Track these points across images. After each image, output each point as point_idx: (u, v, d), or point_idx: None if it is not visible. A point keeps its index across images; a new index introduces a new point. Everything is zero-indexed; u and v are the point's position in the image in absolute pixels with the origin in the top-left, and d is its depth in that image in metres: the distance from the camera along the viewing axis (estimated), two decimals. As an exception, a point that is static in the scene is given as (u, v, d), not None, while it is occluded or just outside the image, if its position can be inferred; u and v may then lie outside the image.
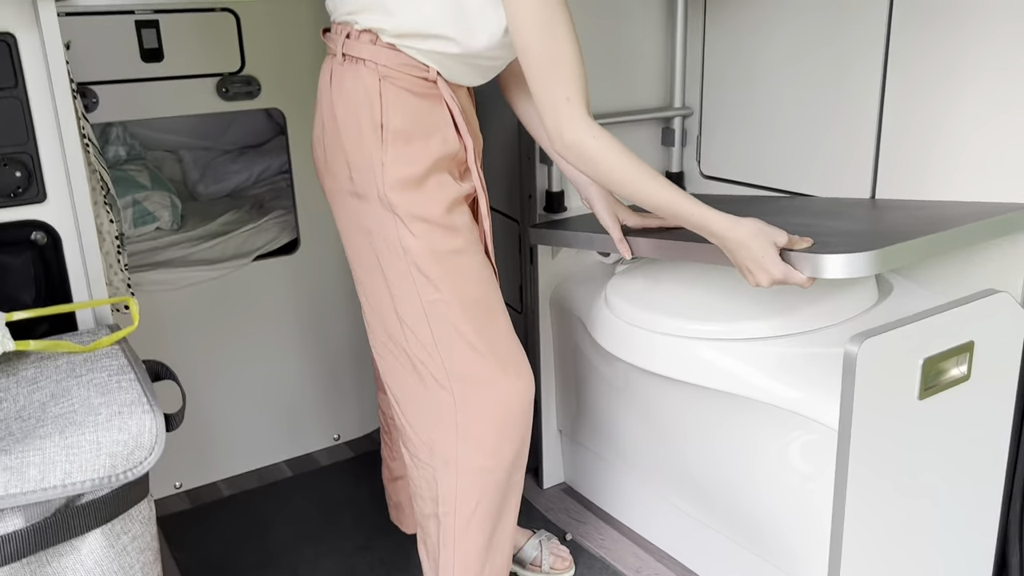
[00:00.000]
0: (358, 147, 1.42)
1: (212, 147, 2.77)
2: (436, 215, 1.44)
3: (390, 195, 1.41)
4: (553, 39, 1.30)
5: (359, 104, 1.40)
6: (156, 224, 2.31)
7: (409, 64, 1.39)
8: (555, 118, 1.33)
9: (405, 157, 1.40)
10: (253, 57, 2.21)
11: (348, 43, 1.41)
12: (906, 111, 1.71)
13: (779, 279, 1.36)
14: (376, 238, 1.47)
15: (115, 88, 2.06)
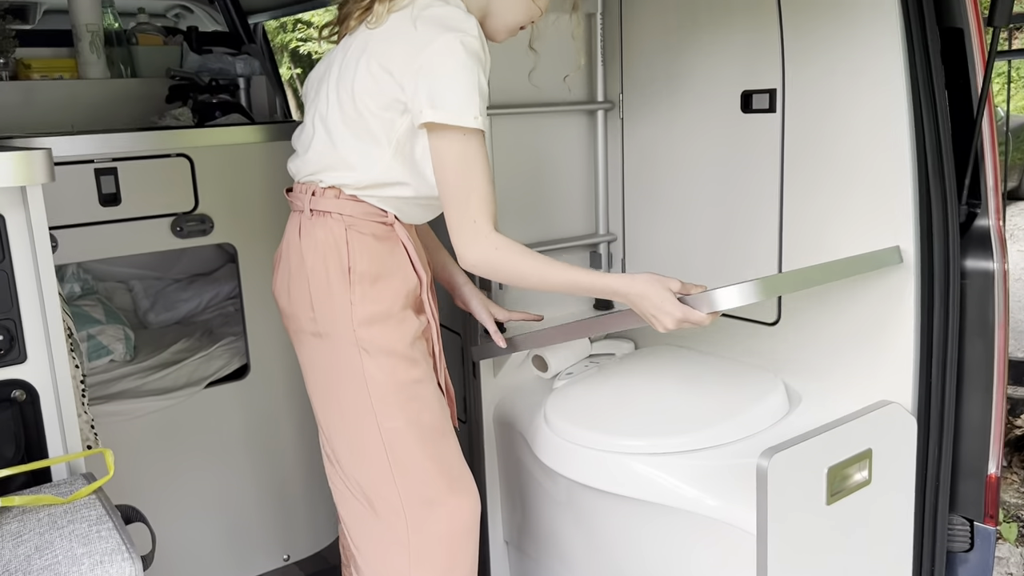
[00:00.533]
0: (325, 290, 1.56)
1: (163, 277, 2.87)
2: (400, 348, 1.58)
3: (359, 331, 1.54)
4: (468, 173, 1.45)
5: (328, 251, 1.54)
6: (110, 357, 2.38)
7: (370, 212, 1.55)
8: (462, 239, 1.47)
9: (372, 296, 1.55)
10: (206, 196, 2.35)
11: (315, 199, 1.57)
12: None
13: (680, 318, 1.47)
14: (336, 373, 1.60)
15: (74, 231, 2.16)
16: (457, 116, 1.41)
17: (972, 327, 1.80)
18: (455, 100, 1.41)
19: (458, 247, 1.50)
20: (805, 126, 1.90)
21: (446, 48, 1.41)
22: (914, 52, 1.70)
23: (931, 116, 1.72)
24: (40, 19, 3.72)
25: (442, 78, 1.41)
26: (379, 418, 1.58)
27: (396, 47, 1.47)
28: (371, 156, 1.52)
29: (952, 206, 1.75)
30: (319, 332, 1.59)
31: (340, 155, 1.54)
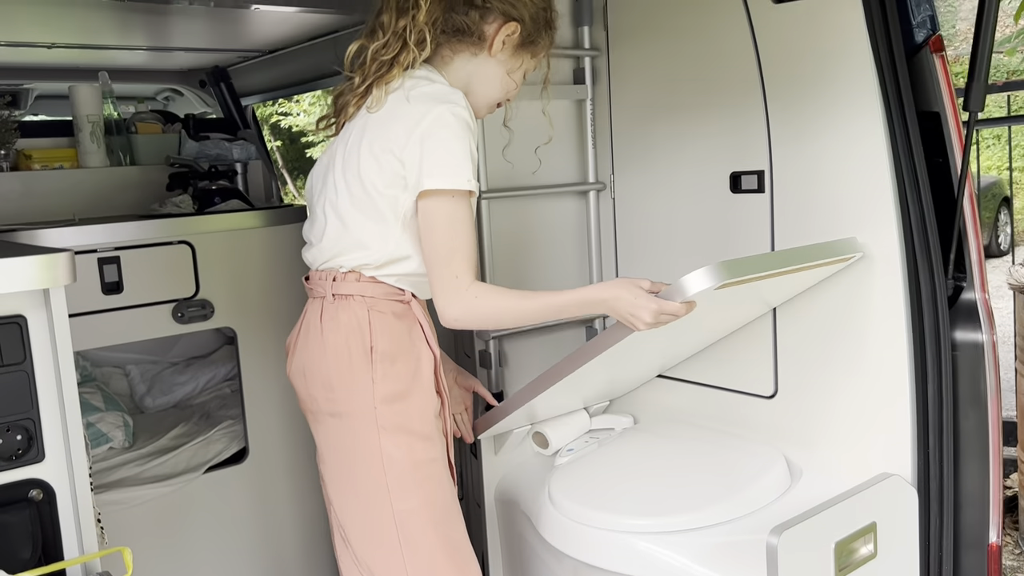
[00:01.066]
0: (347, 370, 1.60)
1: (159, 360, 2.88)
2: (418, 426, 1.63)
3: (379, 408, 1.59)
4: (455, 233, 1.52)
5: (350, 333, 1.60)
6: (110, 444, 2.37)
7: (389, 291, 1.63)
8: (445, 295, 1.53)
9: (392, 374, 1.60)
10: (207, 282, 2.37)
11: (336, 284, 1.63)
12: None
13: (656, 310, 1.51)
14: (353, 453, 1.63)
15: (76, 320, 2.16)
16: (451, 180, 1.50)
17: (965, 397, 1.85)
18: (449, 166, 1.50)
19: (440, 304, 1.55)
20: (794, 206, 1.97)
21: (439, 120, 1.51)
22: (895, 134, 1.78)
23: (915, 195, 1.79)
24: (37, 106, 3.80)
25: (437, 148, 1.51)
26: (393, 498, 1.60)
27: (395, 126, 1.55)
28: (383, 234, 1.60)
29: (940, 281, 1.81)
30: (337, 412, 1.63)
31: (354, 237, 1.61)
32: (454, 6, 1.61)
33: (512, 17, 1.62)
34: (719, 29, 2.04)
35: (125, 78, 3.69)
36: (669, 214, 2.26)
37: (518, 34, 1.63)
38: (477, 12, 1.61)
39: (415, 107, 1.54)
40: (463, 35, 1.63)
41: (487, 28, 1.62)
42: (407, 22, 1.58)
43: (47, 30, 2.77)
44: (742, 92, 2.02)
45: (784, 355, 2.03)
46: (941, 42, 1.84)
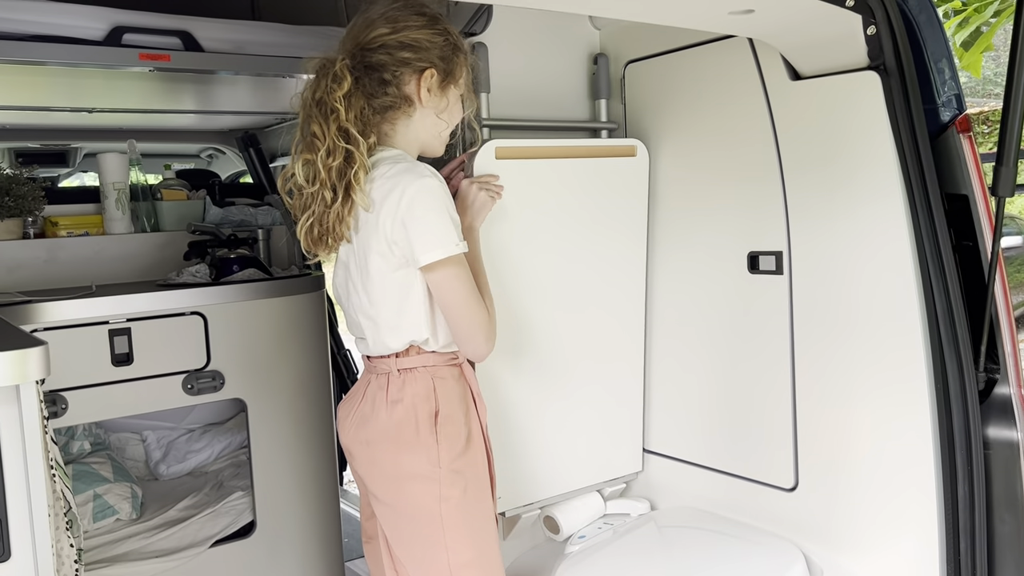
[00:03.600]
0: (414, 435, 1.65)
1: (176, 427, 2.86)
2: (472, 483, 1.66)
3: (443, 467, 1.63)
4: (466, 289, 1.61)
5: (418, 401, 1.66)
6: (116, 516, 2.35)
7: (446, 358, 1.70)
8: (482, 333, 1.64)
9: (453, 435, 1.66)
10: (218, 353, 2.36)
11: (399, 360, 1.69)
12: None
13: (474, 185, 1.78)
14: (414, 513, 1.66)
15: (85, 392, 2.17)
16: (443, 251, 1.57)
17: (1000, 500, 1.72)
18: (436, 237, 1.57)
19: (479, 348, 1.65)
20: (812, 289, 1.88)
21: (413, 199, 1.57)
22: (918, 218, 1.69)
23: (940, 281, 1.69)
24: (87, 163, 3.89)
25: (419, 226, 1.57)
26: (450, 552, 1.64)
27: (383, 217, 1.59)
28: (418, 315, 1.66)
29: (969, 373, 1.70)
30: (402, 475, 1.67)
31: (398, 327, 1.67)
32: (371, 91, 1.64)
33: (423, 67, 1.65)
34: (737, 105, 1.99)
35: (168, 138, 3.78)
36: (688, 292, 2.18)
37: (436, 76, 1.67)
38: (392, 84, 1.65)
39: (390, 194, 1.59)
40: (391, 109, 1.67)
41: (407, 89, 1.66)
42: (338, 123, 1.61)
43: (87, 96, 2.86)
44: (760, 170, 1.95)
45: (805, 446, 1.93)
46: (968, 122, 1.76)
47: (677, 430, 2.26)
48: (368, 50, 1.66)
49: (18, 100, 2.77)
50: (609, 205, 2.17)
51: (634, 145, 2.17)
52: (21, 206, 2.55)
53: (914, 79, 1.70)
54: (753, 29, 1.70)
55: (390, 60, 1.64)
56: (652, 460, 2.34)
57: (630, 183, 2.20)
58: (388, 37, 1.65)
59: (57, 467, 1.68)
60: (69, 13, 2.39)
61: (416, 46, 1.65)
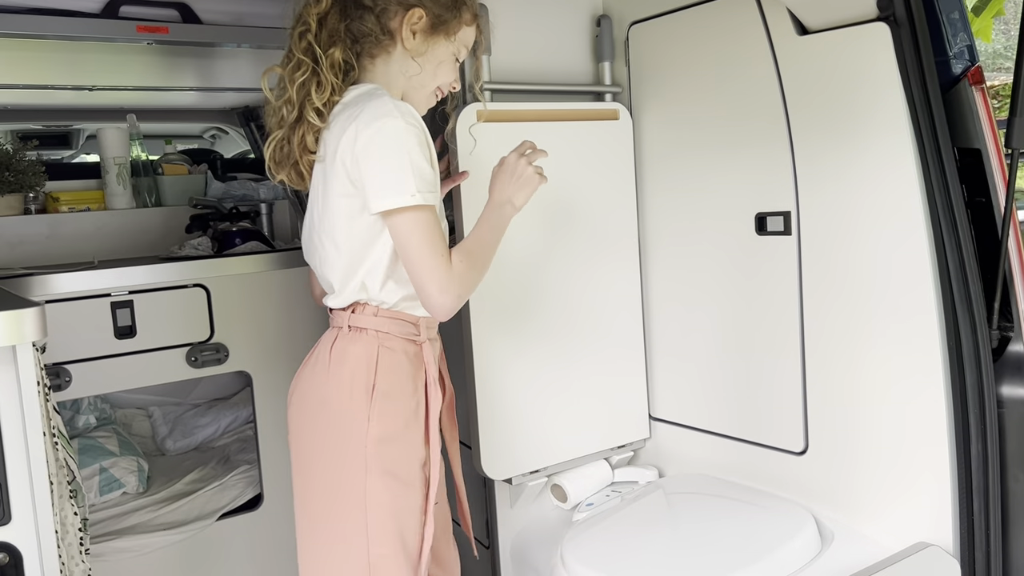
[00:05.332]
0: (346, 404, 1.55)
1: (182, 402, 2.86)
2: (404, 472, 1.56)
3: (370, 448, 1.53)
4: (426, 242, 1.47)
5: (357, 367, 1.56)
6: (123, 490, 2.34)
7: (405, 329, 1.59)
8: (437, 283, 1.48)
9: (389, 414, 1.55)
10: (222, 326, 2.34)
11: (353, 316, 1.59)
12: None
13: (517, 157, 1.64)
14: (334, 490, 1.56)
15: (88, 365, 2.16)
16: (394, 200, 1.45)
17: (1014, 460, 1.69)
18: (388, 185, 1.46)
19: (431, 299, 1.50)
20: (822, 250, 1.85)
21: (370, 139, 1.46)
22: (930, 174, 1.65)
23: (952, 238, 1.66)
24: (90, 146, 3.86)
25: (373, 166, 1.47)
26: (371, 542, 1.54)
27: (343, 154, 1.50)
28: (371, 264, 1.56)
29: (982, 331, 1.67)
30: (327, 446, 1.58)
31: (353, 274, 1.57)
32: (348, 14, 1.57)
33: (411, 4, 1.57)
34: (742, 63, 1.95)
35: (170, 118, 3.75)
36: (693, 256, 2.15)
37: (425, 20, 1.58)
38: (373, 12, 1.56)
39: (348, 127, 1.49)
40: (369, 39, 1.58)
41: (391, 24, 1.57)
42: (308, 40, 1.54)
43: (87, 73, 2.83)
44: (767, 129, 1.92)
45: (814, 409, 1.90)
46: (980, 74, 1.71)
47: (684, 396, 2.24)
48: None
49: (19, 78, 2.75)
50: (595, 170, 2.15)
51: (616, 109, 2.14)
52: (21, 181, 2.53)
53: (925, 30, 1.65)
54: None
55: None
56: (659, 427, 2.31)
57: (615, 148, 2.18)
58: None
59: (60, 437, 1.67)
60: (66, -16, 2.36)
61: None
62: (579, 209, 2.16)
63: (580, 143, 2.15)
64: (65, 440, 1.69)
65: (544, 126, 2.09)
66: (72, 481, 1.67)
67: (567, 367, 2.18)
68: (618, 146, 2.21)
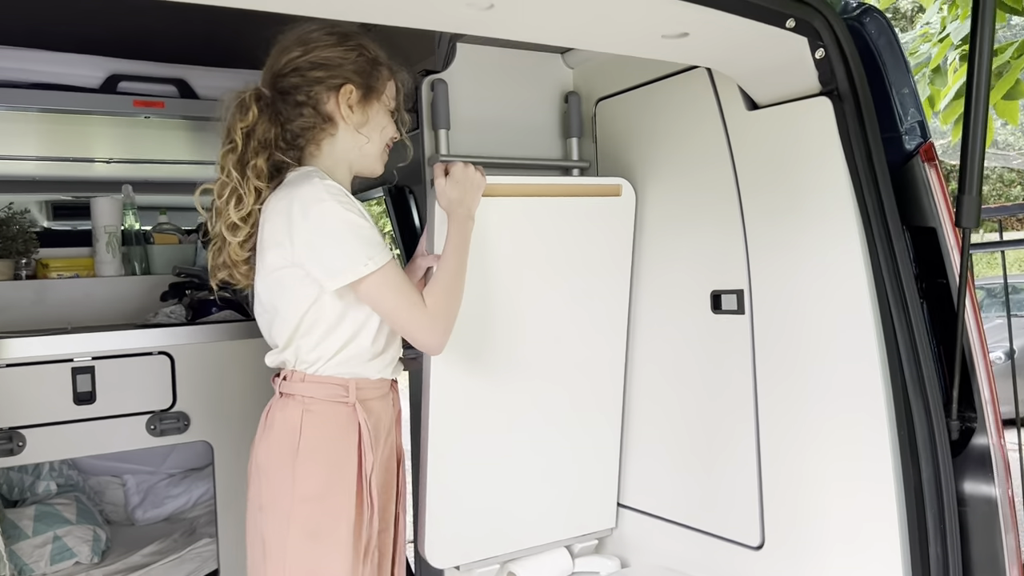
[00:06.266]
0: (276, 467, 1.59)
1: (155, 471, 2.84)
2: (327, 531, 1.55)
3: (295, 506, 1.56)
4: (396, 295, 1.56)
5: (284, 432, 1.60)
6: (75, 559, 2.31)
7: (332, 392, 1.60)
8: (421, 328, 1.58)
9: (312, 475, 1.56)
10: (185, 394, 2.33)
11: (283, 384, 1.64)
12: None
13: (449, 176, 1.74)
14: (265, 547, 1.59)
15: (45, 430, 2.16)
16: (350, 274, 1.52)
17: (979, 563, 1.55)
18: (340, 263, 1.52)
19: (422, 339, 1.59)
20: (773, 330, 1.77)
21: (311, 229, 1.52)
22: (876, 251, 1.57)
23: (903, 319, 1.56)
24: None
25: (320, 252, 1.53)
26: None
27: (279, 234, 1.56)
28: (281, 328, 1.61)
29: (938, 420, 1.56)
30: (263, 505, 1.62)
31: (270, 338, 1.65)
32: (287, 116, 1.63)
33: (339, 83, 1.62)
34: (698, 138, 1.91)
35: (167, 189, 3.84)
36: (662, 335, 2.07)
37: (355, 92, 1.63)
38: (308, 105, 1.62)
39: (283, 215, 1.56)
40: (311, 130, 1.64)
41: (327, 108, 1.63)
42: (235, 156, 1.61)
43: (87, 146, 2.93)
44: (721, 204, 1.86)
45: (769, 500, 1.78)
46: (933, 151, 1.64)
47: (652, 483, 2.13)
48: (281, 76, 1.65)
49: (20, 150, 2.85)
50: (590, 247, 2.07)
51: (619, 185, 2.06)
52: (11, 247, 2.59)
53: (870, 104, 1.60)
54: (692, 54, 1.63)
55: (302, 81, 1.63)
56: (626, 515, 2.20)
57: (614, 224, 2.10)
58: (299, 59, 1.64)
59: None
60: (69, 62, 2.46)
61: (328, 64, 1.63)
62: (567, 287, 2.07)
63: (579, 218, 2.06)
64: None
65: (544, 201, 2.00)
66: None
67: (535, 446, 2.08)
68: (618, 222, 2.11)
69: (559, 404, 2.10)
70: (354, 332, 1.61)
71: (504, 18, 1.35)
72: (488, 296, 1.93)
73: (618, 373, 2.16)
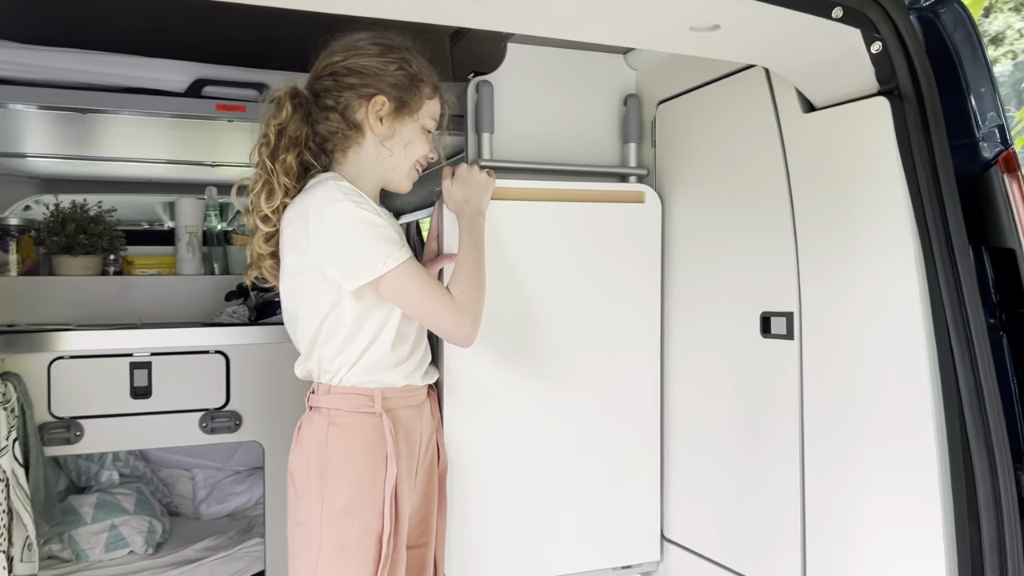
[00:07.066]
0: (305, 482, 1.60)
1: (222, 468, 2.89)
2: (355, 546, 1.54)
3: (325, 523, 1.55)
4: (419, 290, 1.55)
5: (311, 446, 1.60)
6: (129, 549, 2.37)
7: (358, 403, 1.59)
8: (449, 319, 1.57)
9: (340, 489, 1.56)
10: (238, 394, 2.35)
11: (312, 397, 1.66)
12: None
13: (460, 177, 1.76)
14: (297, 563, 1.61)
15: (101, 421, 2.23)
16: (369, 272, 1.51)
17: (1052, 647, 1.31)
18: (359, 262, 1.51)
19: (451, 329, 1.59)
20: (822, 360, 1.58)
21: (328, 230, 1.52)
22: (936, 275, 1.36)
23: (966, 355, 1.35)
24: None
25: (339, 253, 1.52)
26: None
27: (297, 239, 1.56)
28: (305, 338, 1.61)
29: (1005, 474, 1.33)
30: (297, 521, 1.62)
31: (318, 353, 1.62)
32: (316, 118, 1.62)
33: (371, 93, 1.60)
34: (752, 143, 1.74)
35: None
36: (707, 358, 1.91)
37: (388, 105, 1.61)
38: (336, 110, 1.61)
39: (300, 219, 1.56)
40: (338, 135, 1.62)
41: (355, 117, 1.62)
42: (266, 152, 1.62)
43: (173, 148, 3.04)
44: (773, 216, 1.69)
45: (813, 548, 1.59)
46: (1015, 159, 1.41)
47: (694, 518, 1.96)
48: (319, 78, 1.66)
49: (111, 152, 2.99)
50: (615, 255, 1.96)
51: (642, 191, 1.96)
52: (96, 244, 2.71)
53: (936, 105, 1.39)
54: (728, 49, 1.47)
55: (335, 86, 1.62)
56: (672, 551, 2.04)
57: (639, 233, 1.98)
58: (338, 64, 1.64)
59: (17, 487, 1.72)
60: (157, 67, 2.54)
61: (364, 72, 1.61)
62: (599, 298, 1.98)
63: (602, 226, 1.98)
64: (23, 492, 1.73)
65: (567, 206, 1.96)
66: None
67: (565, 468, 1.96)
68: (642, 232, 2.01)
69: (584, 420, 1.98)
70: (373, 337, 1.59)
71: (499, 9, 1.26)
72: (508, 303, 1.87)
73: (653, 391, 2.03)
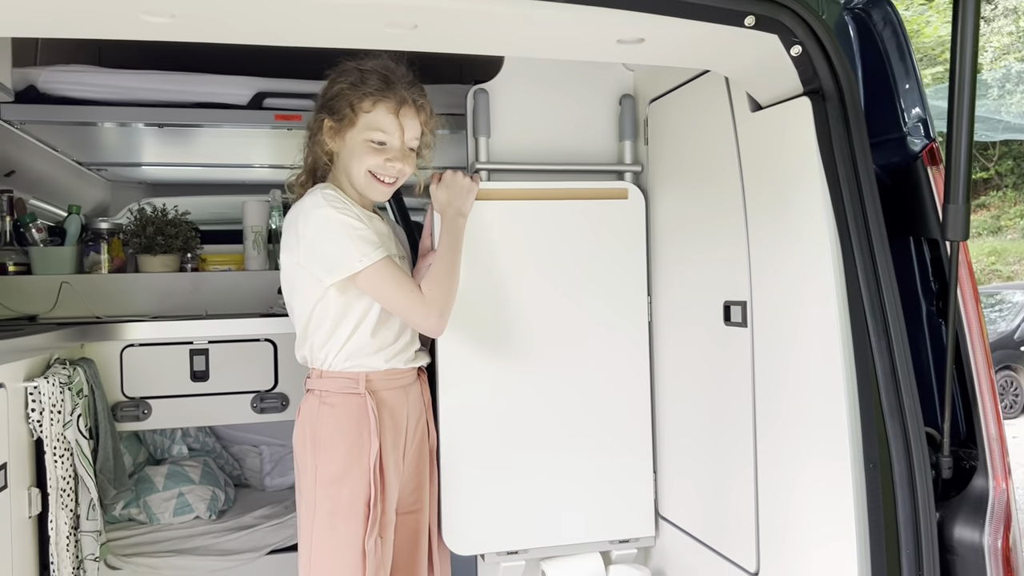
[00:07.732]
0: (303, 456, 1.82)
1: (285, 444, 3.18)
2: (346, 510, 1.74)
3: (318, 490, 1.76)
4: (391, 286, 1.74)
5: (305, 424, 1.82)
6: (194, 514, 2.68)
7: (344, 384, 1.79)
8: (418, 313, 1.77)
9: (331, 460, 1.76)
10: (285, 377, 2.62)
11: (308, 381, 1.87)
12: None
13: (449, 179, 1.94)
14: (301, 526, 1.81)
15: (165, 401, 2.54)
16: (345, 270, 1.71)
17: (964, 619, 1.37)
18: (336, 260, 1.71)
19: (419, 321, 1.79)
20: (767, 346, 1.66)
21: (313, 232, 1.73)
22: (854, 265, 1.44)
23: (882, 340, 1.42)
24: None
25: (319, 252, 1.73)
26: (312, 567, 1.76)
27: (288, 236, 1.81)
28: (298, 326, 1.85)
29: (919, 456, 1.39)
30: (299, 490, 1.84)
31: (310, 340, 1.84)
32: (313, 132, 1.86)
33: (321, 116, 1.81)
34: (715, 140, 1.83)
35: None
36: (686, 344, 2.01)
37: (328, 122, 1.80)
38: (313, 135, 1.85)
39: (291, 222, 1.80)
40: (325, 154, 1.85)
41: (320, 137, 1.83)
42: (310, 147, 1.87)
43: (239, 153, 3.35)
44: (731, 210, 1.77)
45: (765, 524, 1.68)
46: (938, 153, 1.46)
47: (681, 496, 2.07)
48: None
49: (188, 158, 3.33)
50: (605, 251, 2.09)
51: (625, 188, 2.08)
52: (171, 244, 3.04)
53: (857, 103, 1.45)
54: (659, 58, 1.57)
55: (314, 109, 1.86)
56: (666, 529, 2.15)
57: (624, 228, 2.11)
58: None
59: (81, 455, 2.02)
60: (222, 83, 2.84)
61: (323, 95, 1.82)
62: (589, 289, 2.11)
63: (589, 221, 2.11)
64: (86, 459, 2.04)
65: (558, 204, 2.10)
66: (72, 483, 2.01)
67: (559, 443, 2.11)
68: (627, 226, 2.14)
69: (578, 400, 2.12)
70: (355, 326, 1.79)
71: (432, 34, 1.42)
72: (500, 295, 2.03)
73: (643, 376, 2.14)
